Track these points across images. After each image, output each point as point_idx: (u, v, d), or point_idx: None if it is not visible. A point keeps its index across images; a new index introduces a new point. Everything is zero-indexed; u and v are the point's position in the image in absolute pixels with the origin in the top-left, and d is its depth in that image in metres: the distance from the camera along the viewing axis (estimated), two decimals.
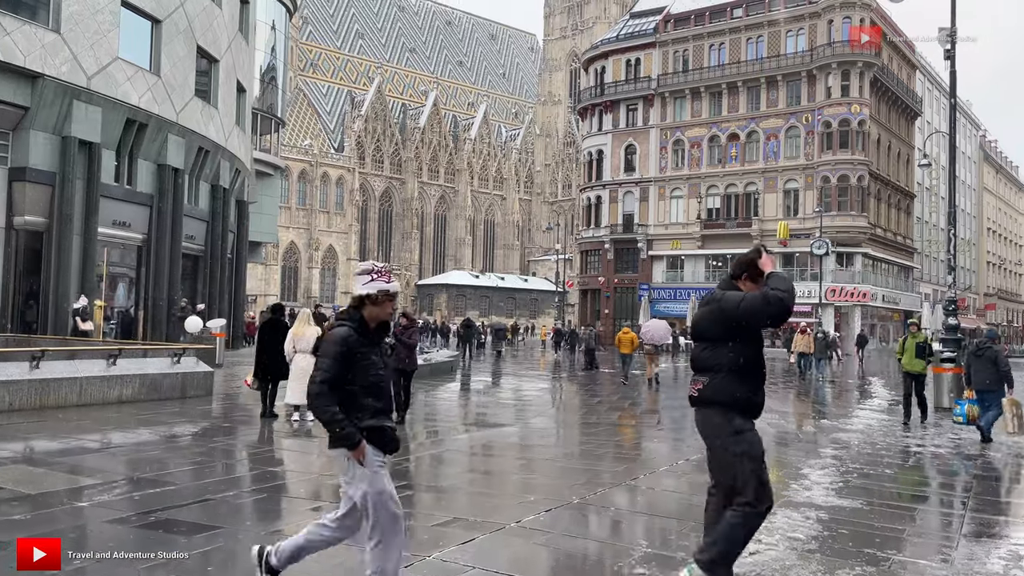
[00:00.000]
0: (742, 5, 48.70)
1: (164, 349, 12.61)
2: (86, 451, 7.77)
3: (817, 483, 7.03)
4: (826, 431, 11.19)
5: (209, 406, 11.65)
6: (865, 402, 16.27)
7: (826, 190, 44.31)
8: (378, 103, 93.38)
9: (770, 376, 23.84)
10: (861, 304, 45.15)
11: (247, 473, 7.22)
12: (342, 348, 3.32)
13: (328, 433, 3.33)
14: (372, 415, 3.35)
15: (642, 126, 51.21)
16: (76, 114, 18.35)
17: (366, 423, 3.32)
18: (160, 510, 5.41)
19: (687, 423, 12.18)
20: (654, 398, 16.01)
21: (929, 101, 61.37)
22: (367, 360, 3.37)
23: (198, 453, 7.93)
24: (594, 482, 6.86)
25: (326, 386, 3.26)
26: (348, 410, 3.29)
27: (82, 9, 18.29)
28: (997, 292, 79.66)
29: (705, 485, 3.86)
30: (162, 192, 21.55)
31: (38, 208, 18.37)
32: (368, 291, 3.43)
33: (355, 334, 3.37)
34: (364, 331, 3.41)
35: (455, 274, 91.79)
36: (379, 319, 3.47)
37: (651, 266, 49.98)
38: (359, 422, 3.29)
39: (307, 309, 10.58)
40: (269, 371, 10.15)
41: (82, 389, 10.66)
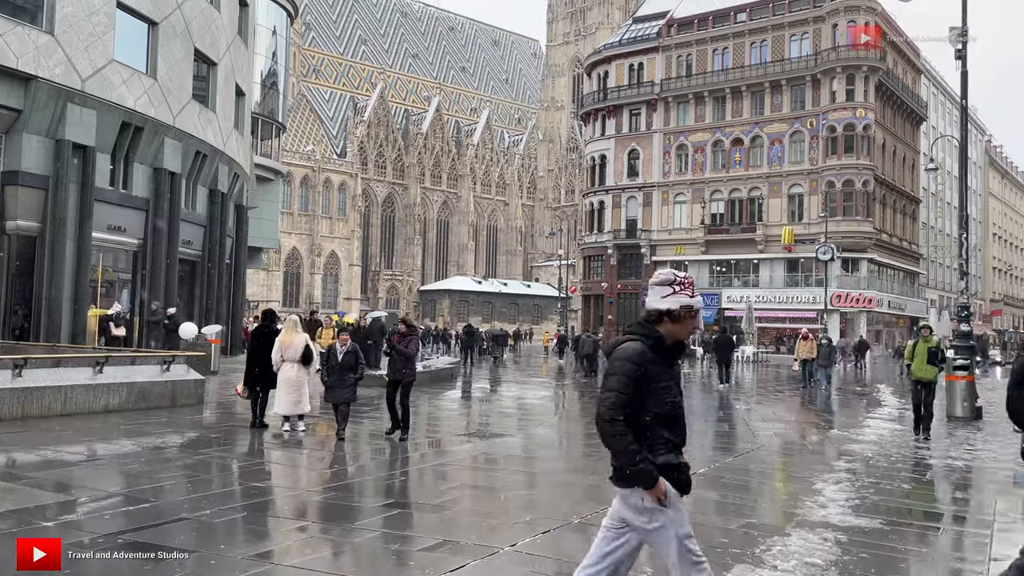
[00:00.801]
0: (746, 9, 48.42)
1: (153, 356, 12.25)
2: (63, 464, 7.41)
3: (832, 499, 6.64)
4: (836, 441, 10.79)
5: (199, 416, 11.29)
6: (874, 410, 15.85)
7: (831, 195, 43.90)
8: (381, 108, 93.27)
9: (773, 384, 23.57)
10: (867, 310, 44.68)
11: (230, 489, 6.84)
12: (636, 367, 2.82)
13: (616, 465, 2.84)
14: (667, 450, 2.85)
15: (645, 131, 50.90)
16: (70, 117, 18.03)
17: (661, 459, 2.82)
18: (131, 531, 5.05)
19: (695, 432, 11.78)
20: None
21: (934, 106, 60.99)
22: (663, 384, 2.87)
23: (181, 466, 7.56)
24: (596, 499, 6.45)
25: (620, 410, 2.79)
26: (637, 442, 2.81)
27: (76, 11, 18.01)
28: (1003, 298, 79.12)
29: (713, 503, 3.52)
30: (158, 196, 21.21)
31: (31, 213, 18.04)
32: (668, 306, 2.96)
33: (651, 352, 2.88)
34: (661, 350, 2.91)
35: (458, 280, 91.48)
36: (678, 337, 2.97)
37: (654, 272, 49.39)
38: (653, 458, 2.81)
39: (295, 316, 10.17)
40: (259, 380, 9.79)
41: (67, 398, 10.31)
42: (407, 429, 9.35)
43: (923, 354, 11.13)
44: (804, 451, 10.12)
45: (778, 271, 46.46)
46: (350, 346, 9.22)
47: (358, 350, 9.33)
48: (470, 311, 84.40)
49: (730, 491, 7.00)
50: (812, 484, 7.34)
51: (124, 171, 20.47)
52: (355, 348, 9.29)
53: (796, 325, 41.51)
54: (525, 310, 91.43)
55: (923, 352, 11.14)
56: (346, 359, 9.16)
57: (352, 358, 9.17)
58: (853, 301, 43.93)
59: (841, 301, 43.28)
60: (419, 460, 8.71)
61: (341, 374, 9.08)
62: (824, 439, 11.31)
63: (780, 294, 45.52)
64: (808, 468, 8.47)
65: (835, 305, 42.52)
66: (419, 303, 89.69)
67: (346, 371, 9.11)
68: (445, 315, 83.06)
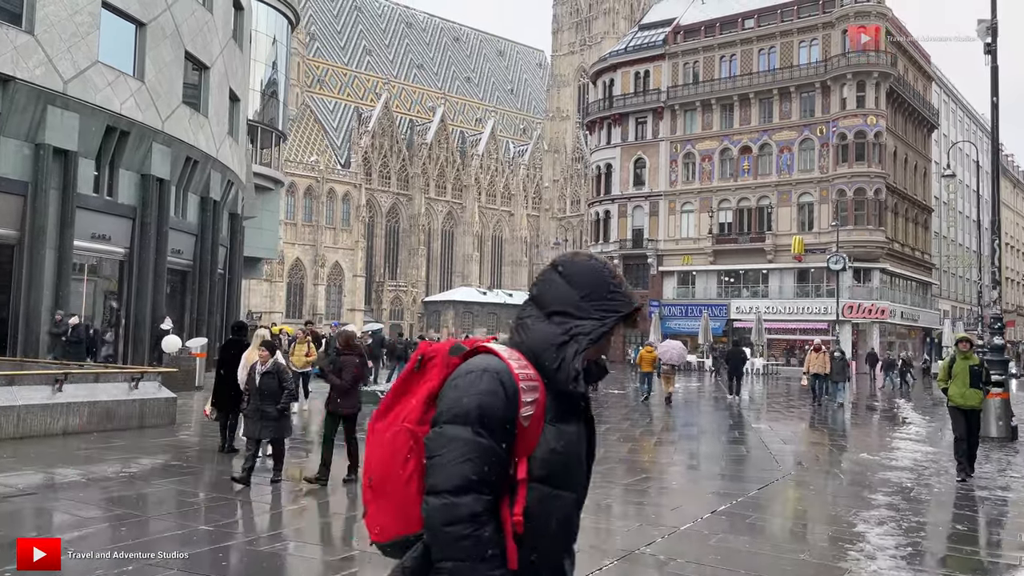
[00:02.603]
0: (753, 16, 47.62)
1: (119, 373, 11.33)
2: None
3: (880, 548, 5.63)
4: (868, 468, 9.76)
5: (167, 438, 10.34)
6: (898, 430, 14.80)
7: (842, 204, 42.88)
8: (385, 119, 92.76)
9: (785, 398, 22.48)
10: (879, 321, 43.53)
11: (174, 532, 5.85)
12: None
13: None
14: None
15: (652, 139, 50.03)
16: (51, 120, 17.25)
17: None
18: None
19: (708, 457, 10.83)
20: (668, 423, 14.63)
21: (945, 113, 59.99)
22: None
23: (123, 502, 6.61)
24: (601, 548, 5.48)
25: None
26: None
27: (58, 10, 17.25)
28: (1016, 308, 77.70)
29: (743, 552, 2.63)
30: (146, 204, 20.40)
31: (8, 220, 17.22)
32: None
33: None
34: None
35: (462, 291, 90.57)
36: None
37: (661, 282, 48.57)
38: None
39: (262, 330, 9.17)
40: (229, 400, 8.86)
41: (20, 419, 9.39)
42: (354, 468, 7.51)
43: (964, 374, 8.84)
44: (834, 479, 9.08)
45: (788, 281, 45.41)
46: (271, 365, 7.29)
47: (282, 370, 7.37)
48: (475, 322, 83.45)
49: (759, 538, 6.00)
50: (853, 526, 6.34)
51: (109, 177, 19.67)
52: (278, 368, 7.33)
53: (807, 337, 40.44)
54: None
55: (964, 372, 8.86)
56: (266, 383, 7.24)
57: (274, 381, 7.23)
58: (865, 312, 42.79)
59: (853, 312, 42.17)
60: None
61: (261, 402, 7.20)
62: (854, 465, 10.26)
63: (790, 305, 44.45)
64: (844, 504, 7.44)
65: (846, 316, 41.42)
66: (423, 314, 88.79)
67: (267, 398, 7.20)
68: (449, 326, 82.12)
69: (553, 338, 1.61)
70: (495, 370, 1.54)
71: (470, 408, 1.49)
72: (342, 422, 7.62)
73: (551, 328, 1.62)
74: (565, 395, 1.59)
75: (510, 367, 1.55)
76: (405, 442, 1.55)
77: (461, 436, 1.49)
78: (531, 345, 1.61)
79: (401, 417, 1.58)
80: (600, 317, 1.62)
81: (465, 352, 1.61)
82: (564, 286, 1.64)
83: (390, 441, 1.57)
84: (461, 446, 1.48)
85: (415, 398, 1.61)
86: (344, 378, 7.45)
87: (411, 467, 1.53)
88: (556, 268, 1.68)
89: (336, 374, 7.50)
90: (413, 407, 1.59)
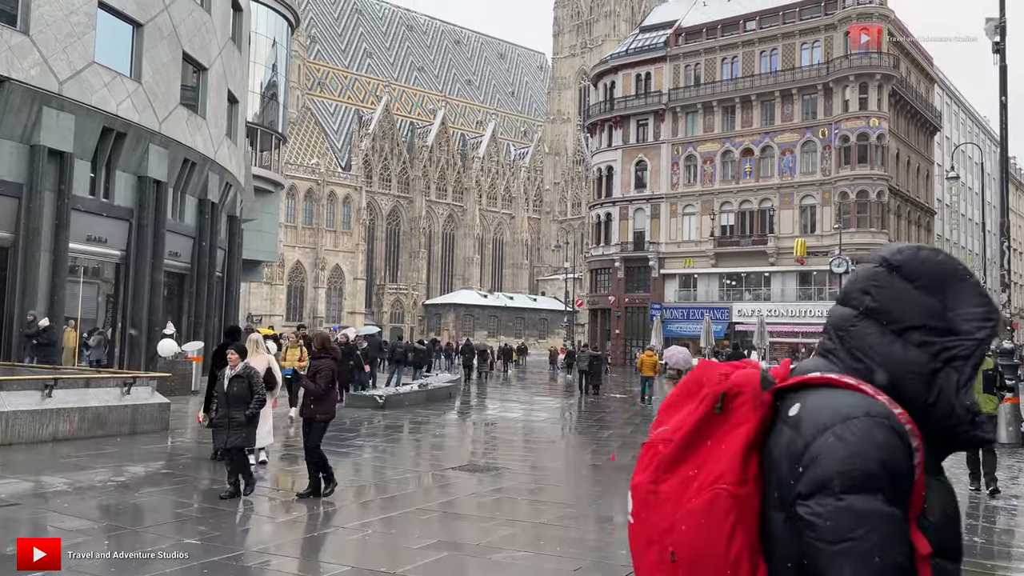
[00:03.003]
0: (755, 18, 47.42)
1: (111, 378, 11.12)
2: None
3: None
4: None
5: (159, 445, 10.13)
6: None
7: (844, 206, 42.67)
8: (386, 122, 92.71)
9: None
10: None
11: (155, 546, 5.62)
12: None
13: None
14: None
15: (653, 142, 49.83)
16: (46, 121, 17.07)
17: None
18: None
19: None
20: None
21: (948, 116, 59.79)
22: None
23: (108, 512, 6.39)
24: (602, 566, 5.26)
25: None
26: None
27: (54, 10, 17.07)
28: (1020, 312, 77.45)
29: None
30: (142, 206, 20.20)
31: (2, 222, 17.03)
32: None
33: None
34: None
35: (463, 293, 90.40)
36: None
37: (663, 285, 48.35)
38: None
39: (255, 335, 8.91)
40: None
41: (8, 426, 9.18)
42: (329, 481, 7.15)
43: (978, 380, 9.06)
44: None
45: (790, 284, 45.18)
46: (241, 369, 6.92)
47: (252, 374, 6.96)
48: (476, 325, 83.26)
49: None
50: None
51: (106, 179, 19.48)
52: (248, 372, 6.95)
53: (809, 340, 40.18)
54: (531, 324, 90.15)
55: (978, 377, 9.09)
56: (234, 387, 6.86)
57: (244, 385, 6.83)
58: None
59: None
60: (382, 506, 7.50)
61: (229, 408, 6.83)
62: None
63: (793, 308, 44.20)
64: None
65: None
66: (424, 317, 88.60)
67: (236, 403, 6.81)
68: (450, 329, 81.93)
69: (919, 365, 1.20)
70: (880, 414, 1.14)
71: (874, 470, 1.10)
72: (311, 428, 7.12)
73: (911, 351, 1.20)
74: (947, 440, 1.20)
75: (891, 408, 1.16)
76: (728, 511, 1.18)
77: (877, 510, 1.09)
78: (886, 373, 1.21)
79: (712, 477, 1.20)
80: (970, 332, 1.20)
81: (777, 387, 1.23)
82: (914, 291, 1.22)
83: (704, 509, 1.19)
84: (880, 524, 1.09)
85: (725, 451, 1.21)
86: (318, 382, 6.99)
87: (738, 545, 1.17)
88: (892, 267, 1.24)
89: (311, 378, 7.09)
90: (726, 463, 1.20)
